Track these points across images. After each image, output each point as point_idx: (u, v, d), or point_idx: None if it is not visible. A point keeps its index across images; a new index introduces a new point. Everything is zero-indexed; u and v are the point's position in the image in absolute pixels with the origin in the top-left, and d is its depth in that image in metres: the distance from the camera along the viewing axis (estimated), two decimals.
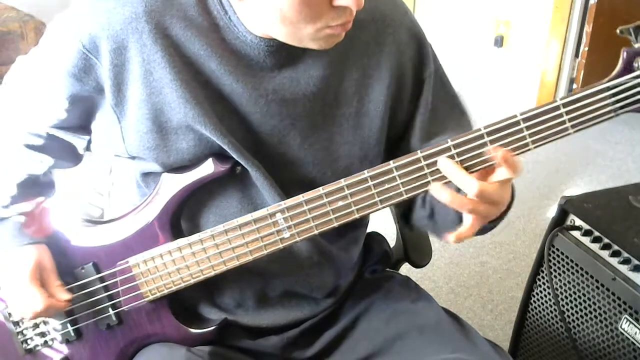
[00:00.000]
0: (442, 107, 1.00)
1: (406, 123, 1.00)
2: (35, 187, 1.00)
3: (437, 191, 0.80)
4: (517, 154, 0.79)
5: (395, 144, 1.01)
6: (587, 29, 3.28)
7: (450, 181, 0.81)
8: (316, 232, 0.87)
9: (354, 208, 0.85)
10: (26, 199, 0.98)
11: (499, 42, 3.55)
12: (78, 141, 1.00)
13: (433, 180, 0.82)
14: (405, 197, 0.84)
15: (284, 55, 0.89)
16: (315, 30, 0.82)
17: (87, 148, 1.02)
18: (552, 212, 1.43)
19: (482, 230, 0.87)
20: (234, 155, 0.90)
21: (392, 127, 0.99)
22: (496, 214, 0.83)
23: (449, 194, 0.79)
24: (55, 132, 0.98)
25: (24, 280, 0.93)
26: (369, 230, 1.15)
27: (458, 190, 0.81)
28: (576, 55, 3.40)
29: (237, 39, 0.89)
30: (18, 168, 0.99)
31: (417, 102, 0.99)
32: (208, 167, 0.91)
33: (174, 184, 0.92)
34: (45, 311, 0.94)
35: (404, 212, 1.07)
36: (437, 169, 0.82)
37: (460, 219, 0.86)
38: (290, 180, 0.94)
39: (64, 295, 0.95)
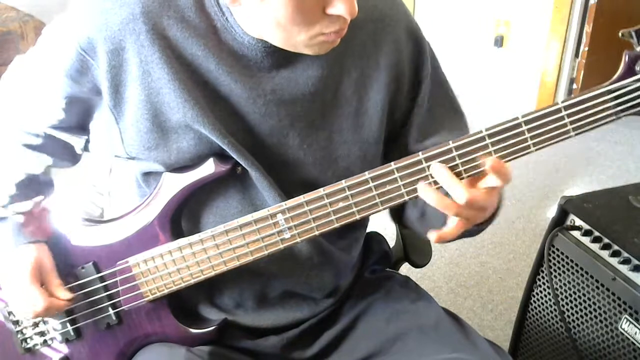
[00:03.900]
0: (439, 108, 1.00)
1: (402, 122, 1.00)
2: (34, 186, 1.00)
3: (424, 191, 0.80)
4: (519, 157, 0.79)
5: (391, 142, 1.01)
6: (587, 29, 3.28)
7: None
8: (317, 232, 0.87)
9: (354, 209, 0.85)
10: (26, 198, 0.98)
11: (499, 42, 3.55)
12: (76, 141, 1.00)
13: (432, 182, 0.82)
14: (406, 198, 0.83)
15: (282, 55, 0.89)
16: (308, 37, 0.82)
17: (85, 148, 1.02)
18: (552, 212, 1.43)
19: (469, 233, 0.87)
20: (234, 156, 0.90)
21: (389, 126, 0.99)
22: (483, 218, 0.83)
23: (435, 196, 0.79)
24: (53, 132, 0.99)
25: (24, 280, 0.93)
26: (368, 230, 1.15)
27: (446, 194, 0.81)
28: (576, 55, 3.39)
29: (234, 40, 0.89)
30: (17, 167, 0.99)
31: (414, 102, 0.99)
32: (209, 167, 0.91)
33: (174, 184, 0.92)
34: (46, 311, 0.94)
35: (396, 211, 1.07)
36: None
37: None
38: (291, 181, 0.94)
39: (64, 295, 0.95)
